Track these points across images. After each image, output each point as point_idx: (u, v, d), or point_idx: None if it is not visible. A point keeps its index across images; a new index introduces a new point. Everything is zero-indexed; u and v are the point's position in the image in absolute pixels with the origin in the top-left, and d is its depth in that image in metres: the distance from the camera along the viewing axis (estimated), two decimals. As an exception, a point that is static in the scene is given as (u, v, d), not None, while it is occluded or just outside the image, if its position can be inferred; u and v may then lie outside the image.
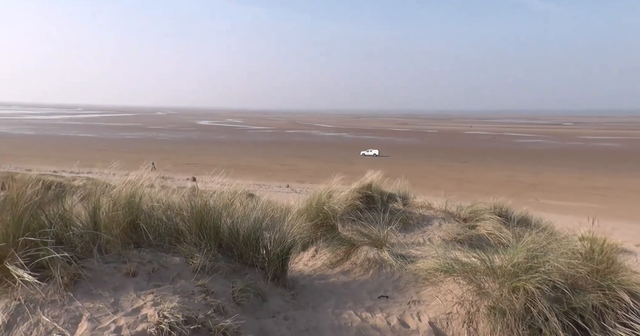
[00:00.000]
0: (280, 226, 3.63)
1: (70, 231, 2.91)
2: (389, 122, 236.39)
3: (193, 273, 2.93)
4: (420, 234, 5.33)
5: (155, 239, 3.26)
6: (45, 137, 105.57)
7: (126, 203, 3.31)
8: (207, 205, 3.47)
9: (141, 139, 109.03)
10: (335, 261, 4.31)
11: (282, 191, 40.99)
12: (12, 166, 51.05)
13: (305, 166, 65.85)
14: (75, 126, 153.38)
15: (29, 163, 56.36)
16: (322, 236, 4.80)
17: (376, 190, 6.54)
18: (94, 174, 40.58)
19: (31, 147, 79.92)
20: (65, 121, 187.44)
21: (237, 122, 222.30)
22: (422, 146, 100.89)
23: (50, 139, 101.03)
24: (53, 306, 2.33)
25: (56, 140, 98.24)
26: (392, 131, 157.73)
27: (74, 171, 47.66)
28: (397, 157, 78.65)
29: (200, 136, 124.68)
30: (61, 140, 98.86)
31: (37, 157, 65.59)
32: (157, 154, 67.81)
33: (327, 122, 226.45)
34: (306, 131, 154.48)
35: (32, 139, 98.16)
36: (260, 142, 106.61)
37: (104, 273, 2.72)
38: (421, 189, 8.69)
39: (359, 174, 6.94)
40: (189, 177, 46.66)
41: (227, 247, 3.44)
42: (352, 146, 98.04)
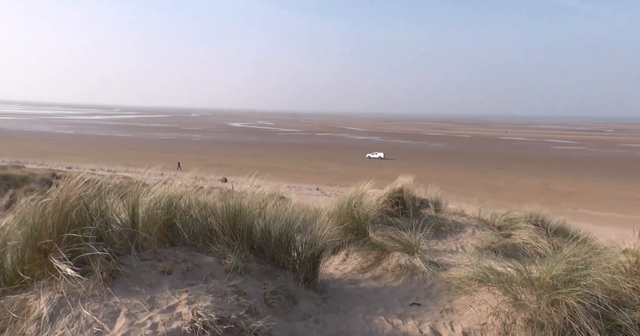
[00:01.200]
0: (311, 229, 3.64)
1: (110, 228, 3.01)
2: (422, 127, 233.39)
3: (226, 273, 2.97)
4: (453, 241, 5.22)
5: (190, 238, 3.33)
6: (85, 136, 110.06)
7: (163, 202, 3.39)
8: (240, 206, 3.52)
9: (175, 139, 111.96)
10: (366, 266, 4.28)
11: (312, 193, 41.13)
12: (54, 164, 53.48)
13: (335, 169, 65.88)
14: (113, 126, 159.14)
15: (69, 161, 58.89)
16: (353, 240, 4.78)
17: (407, 195, 6.45)
18: (130, 173, 41.97)
19: (72, 146, 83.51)
20: (104, 122, 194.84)
21: (268, 124, 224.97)
22: (453, 151, 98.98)
23: (90, 138, 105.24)
24: (93, 301, 2.41)
25: (95, 139, 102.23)
26: (425, 136, 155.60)
27: (112, 169, 49.44)
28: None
29: (232, 137, 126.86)
30: (100, 139, 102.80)
31: (77, 155, 68.43)
32: (190, 155, 69.44)
33: (358, 126, 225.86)
34: (336, 134, 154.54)
35: (73, 139, 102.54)
36: (291, 144, 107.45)
37: (140, 270, 2.79)
38: (453, 196, 8.53)
39: (389, 179, 6.88)
40: (220, 178, 47.54)
41: (259, 248, 3.47)
42: (383, 150, 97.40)
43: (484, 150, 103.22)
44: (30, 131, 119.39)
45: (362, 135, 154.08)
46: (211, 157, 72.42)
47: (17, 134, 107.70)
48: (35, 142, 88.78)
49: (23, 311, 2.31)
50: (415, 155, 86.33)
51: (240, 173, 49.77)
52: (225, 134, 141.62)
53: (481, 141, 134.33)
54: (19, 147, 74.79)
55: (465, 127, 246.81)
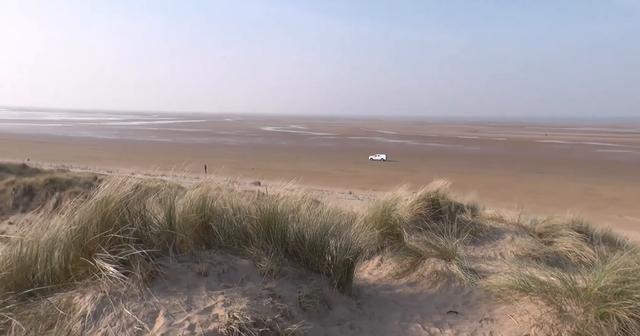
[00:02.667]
0: (346, 234, 3.61)
1: (149, 230, 3.09)
2: (456, 130, 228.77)
3: (261, 276, 2.99)
4: (491, 248, 5.05)
5: (225, 241, 3.37)
6: (125, 141, 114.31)
7: (199, 205, 3.46)
8: (275, 210, 3.53)
9: (210, 144, 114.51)
10: (401, 272, 4.20)
11: (344, 197, 41.03)
12: (97, 168, 55.78)
13: (367, 172, 65.50)
14: (152, 132, 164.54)
15: (110, 165, 61.28)
16: (387, 245, 4.71)
17: (443, 199, 6.32)
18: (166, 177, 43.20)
19: (112, 151, 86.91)
20: (142, 127, 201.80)
21: (300, 128, 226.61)
22: (489, 155, 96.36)
23: (129, 143, 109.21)
24: (133, 300, 2.48)
25: (134, 144, 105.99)
26: (459, 139, 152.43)
27: (149, 173, 51.01)
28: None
29: (265, 141, 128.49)
30: (138, 144, 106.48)
31: (118, 159, 71.10)
32: (224, 159, 70.75)
33: (391, 129, 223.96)
34: (369, 138, 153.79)
35: (114, 144, 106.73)
36: (323, 148, 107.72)
37: (178, 271, 2.84)
38: (490, 201, 8.29)
39: (423, 183, 6.76)
40: (253, 181, 48.21)
41: (293, 252, 3.47)
42: (416, 153, 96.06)
43: (522, 153, 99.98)
44: (74, 137, 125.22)
45: (394, 138, 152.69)
46: (244, 161, 73.58)
47: (63, 140, 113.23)
48: (79, 147, 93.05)
49: (69, 308, 2.39)
50: (449, 159, 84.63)
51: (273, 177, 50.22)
52: (258, 138, 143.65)
53: (519, 144, 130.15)
54: (64, 152, 78.59)
55: (502, 130, 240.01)
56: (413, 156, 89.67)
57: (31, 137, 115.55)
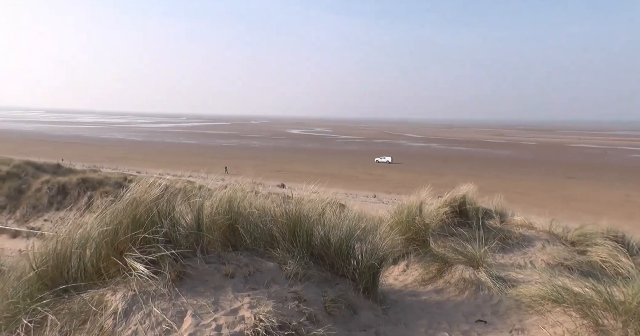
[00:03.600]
0: (372, 238, 3.58)
1: (177, 231, 3.14)
2: (483, 133, 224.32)
3: (286, 279, 3.00)
4: (521, 255, 4.91)
5: (252, 243, 3.40)
6: (153, 143, 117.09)
7: (226, 207, 3.50)
8: (300, 213, 3.54)
9: (236, 146, 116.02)
10: (427, 278, 4.13)
11: (369, 200, 40.82)
12: (126, 168, 57.32)
13: (392, 176, 64.99)
14: (179, 134, 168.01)
15: (139, 166, 62.83)
16: (412, 250, 4.64)
17: (470, 204, 6.20)
18: (193, 178, 43.99)
19: (141, 152, 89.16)
20: (170, 129, 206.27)
21: (325, 131, 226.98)
22: (518, 159, 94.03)
23: (158, 145, 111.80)
24: (162, 300, 2.52)
25: (162, 146, 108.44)
26: (486, 143, 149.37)
27: (176, 174, 52.06)
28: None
29: (290, 144, 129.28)
30: (166, 146, 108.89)
31: (146, 160, 72.85)
32: (249, 161, 71.57)
33: (417, 132, 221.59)
34: (394, 141, 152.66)
35: (143, 145, 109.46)
36: (348, 151, 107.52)
37: (205, 272, 2.88)
38: (519, 207, 8.08)
39: (448, 187, 6.66)
40: (278, 183, 48.53)
41: (319, 256, 3.47)
42: (442, 157, 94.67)
43: (552, 158, 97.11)
44: (105, 138, 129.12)
45: (420, 142, 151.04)
46: (269, 163, 74.17)
47: (95, 141, 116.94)
48: (110, 148, 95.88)
49: (101, 305, 2.46)
50: (476, 163, 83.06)
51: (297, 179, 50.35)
52: (283, 140, 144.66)
53: (549, 148, 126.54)
54: (96, 153, 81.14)
55: (530, 133, 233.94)
56: (438, 160, 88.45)
57: (65, 139, 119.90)
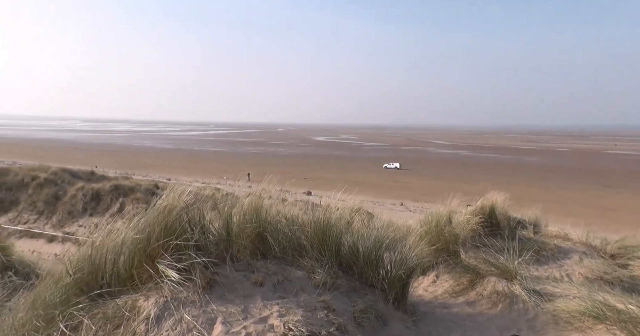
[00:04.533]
0: (401, 248, 3.53)
1: (207, 238, 3.18)
2: (513, 139, 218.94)
3: (315, 288, 2.98)
4: (557, 268, 4.73)
5: (280, 251, 3.40)
6: (183, 150, 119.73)
7: (254, 215, 3.52)
8: (329, 221, 3.52)
9: (263, 153, 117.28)
10: (458, 290, 4.03)
11: (396, 208, 40.39)
12: (157, 175, 58.77)
13: (420, 183, 64.20)
14: (207, 141, 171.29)
15: (169, 173, 64.33)
16: (442, 261, 4.54)
17: (502, 214, 6.03)
18: (221, 185, 44.67)
19: (171, 159, 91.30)
20: (199, 137, 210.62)
21: (351, 138, 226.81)
22: (550, 166, 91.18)
23: (187, 152, 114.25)
24: (193, 306, 2.55)
25: (191, 153, 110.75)
26: (517, 149, 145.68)
27: (205, 181, 53.00)
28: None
29: (316, 151, 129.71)
30: (195, 153, 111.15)
31: (176, 168, 74.52)
32: (276, 168, 72.06)
33: (444, 139, 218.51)
34: (421, 148, 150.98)
35: (172, 152, 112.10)
36: (374, 158, 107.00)
37: (235, 280, 2.90)
38: (553, 216, 7.80)
39: (478, 195, 6.51)
40: (304, 191, 48.68)
41: (347, 265, 3.44)
42: (472, 164, 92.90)
43: (588, 165, 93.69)
44: (137, 146, 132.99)
45: (448, 149, 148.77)
46: (296, 171, 74.53)
47: (127, 148, 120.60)
48: (141, 156, 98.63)
49: (134, 310, 2.50)
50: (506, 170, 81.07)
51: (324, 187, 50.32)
52: (309, 148, 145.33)
53: (584, 155, 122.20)
54: (127, 160, 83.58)
55: (563, 139, 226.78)
56: (467, 167, 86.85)
57: (99, 147, 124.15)
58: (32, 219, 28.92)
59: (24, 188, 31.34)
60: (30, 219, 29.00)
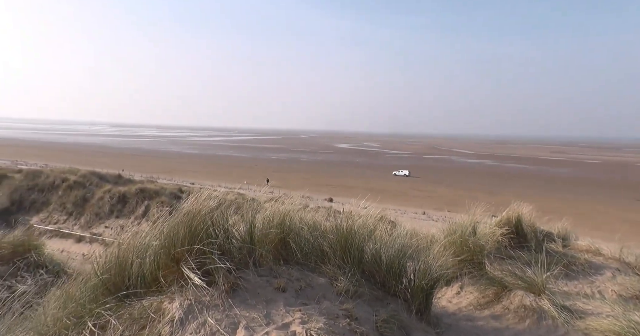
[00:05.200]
0: (424, 258, 3.48)
1: (231, 243, 3.20)
2: (540, 150, 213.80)
3: (337, 295, 2.96)
4: (587, 284, 4.55)
5: (302, 258, 3.40)
6: (206, 156, 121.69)
7: (277, 220, 3.53)
8: (351, 229, 3.50)
9: (285, 159, 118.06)
10: (483, 303, 3.93)
11: (418, 217, 39.94)
12: (181, 180, 59.83)
13: (442, 193, 63.37)
14: (231, 147, 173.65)
15: (193, 177, 65.40)
16: (467, 272, 4.45)
17: (528, 226, 5.88)
18: (243, 190, 45.12)
19: (195, 164, 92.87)
20: (223, 142, 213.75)
21: (374, 146, 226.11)
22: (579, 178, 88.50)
23: (210, 157, 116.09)
24: (216, 310, 2.57)
25: (215, 158, 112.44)
26: (544, 160, 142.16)
27: (228, 186, 53.65)
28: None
29: (338, 158, 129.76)
30: (219, 159, 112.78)
31: (200, 172, 75.71)
32: (298, 174, 72.44)
33: (468, 148, 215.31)
34: (445, 157, 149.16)
35: (196, 158, 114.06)
36: (397, 166, 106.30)
37: (257, 285, 2.91)
38: (582, 230, 7.55)
39: (502, 206, 6.37)
40: (326, 197, 48.67)
41: (370, 273, 3.41)
42: (496, 174, 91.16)
43: (619, 178, 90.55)
44: (162, 151, 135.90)
45: (471, 158, 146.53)
46: (317, 177, 74.68)
47: (152, 153, 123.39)
48: (166, 160, 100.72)
49: (159, 312, 2.54)
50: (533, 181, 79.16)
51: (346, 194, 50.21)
52: (331, 155, 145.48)
53: (615, 168, 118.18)
54: (153, 165, 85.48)
55: (594, 151, 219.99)
56: (491, 177, 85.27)
57: (126, 151, 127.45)
58: (61, 220, 29.85)
59: (54, 189, 32.42)
60: (60, 219, 29.93)
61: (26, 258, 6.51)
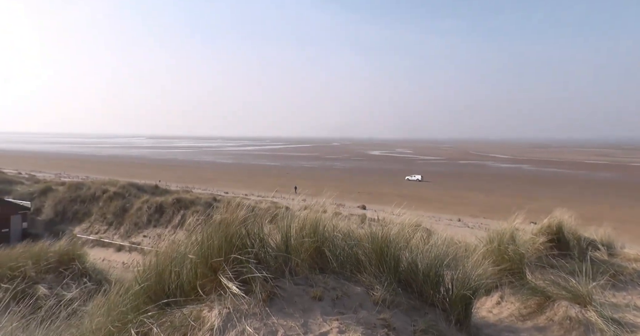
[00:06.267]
0: (463, 266, 3.40)
1: (267, 252, 3.24)
2: (582, 154, 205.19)
3: (374, 305, 2.94)
4: (637, 295, 4.31)
5: (338, 266, 3.39)
6: (240, 165, 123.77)
7: (312, 229, 3.54)
8: (387, 237, 3.48)
9: (317, 167, 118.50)
10: (525, 314, 3.79)
11: (453, 224, 39.07)
12: (215, 189, 61.06)
13: (478, 199, 61.82)
14: (263, 156, 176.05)
15: (227, 187, 66.59)
16: (507, 282, 4.31)
17: (570, 233, 5.65)
18: (276, 198, 45.54)
19: (229, 174, 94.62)
20: (255, 152, 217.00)
21: (406, 152, 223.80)
22: (625, 183, 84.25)
23: (244, 167, 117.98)
24: (254, 319, 2.60)
25: (248, 168, 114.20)
26: (586, 164, 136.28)
27: (261, 194, 54.31)
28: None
29: (370, 165, 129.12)
30: (252, 168, 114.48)
31: (233, 181, 77.03)
32: (330, 182, 72.39)
33: (505, 153, 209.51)
34: (480, 162, 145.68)
35: (230, 167, 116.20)
36: (430, 172, 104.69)
37: (294, 294, 2.92)
38: (629, 238, 7.19)
39: (541, 212, 6.15)
40: (359, 204, 48.42)
41: (406, 282, 3.36)
42: (534, 180, 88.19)
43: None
44: (197, 161, 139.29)
45: (508, 163, 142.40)
46: (350, 185, 74.44)
47: (187, 163, 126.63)
48: (201, 170, 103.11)
49: (199, 320, 2.60)
50: (574, 186, 76.02)
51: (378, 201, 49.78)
52: (364, 162, 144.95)
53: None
54: (188, 175, 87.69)
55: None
56: (530, 183, 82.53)
57: (162, 162, 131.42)
58: (102, 230, 31.07)
59: (95, 200, 33.84)
60: (101, 229, 31.14)
61: (71, 266, 6.82)
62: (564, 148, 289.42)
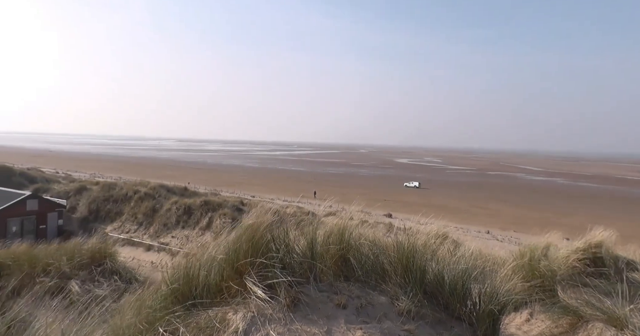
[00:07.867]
0: (491, 281, 3.31)
1: (292, 257, 3.26)
2: (619, 168, 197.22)
3: (398, 315, 2.90)
4: (677, 321, 4.08)
5: (363, 275, 3.37)
6: (267, 170, 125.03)
7: (338, 236, 3.54)
8: (414, 247, 3.43)
9: (343, 174, 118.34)
10: (557, 333, 3.64)
11: (482, 236, 38.14)
12: (242, 193, 61.85)
13: (508, 211, 60.23)
14: (290, 161, 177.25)
15: (254, 191, 67.35)
16: (538, 299, 4.17)
17: (608, 253, 5.42)
18: (302, 204, 45.71)
19: (256, 178, 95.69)
20: (283, 157, 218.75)
21: (435, 161, 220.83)
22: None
23: (271, 171, 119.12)
24: (278, 324, 2.61)
25: (275, 172, 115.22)
26: (623, 180, 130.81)
27: (287, 199, 54.65)
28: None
29: (397, 173, 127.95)
30: (279, 172, 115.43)
31: (260, 186, 77.83)
32: (356, 189, 72.13)
33: (536, 165, 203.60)
34: (510, 174, 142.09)
35: (257, 171, 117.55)
36: (459, 182, 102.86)
37: (318, 300, 2.92)
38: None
39: (575, 228, 5.93)
40: (384, 213, 48.00)
41: (432, 294, 3.30)
42: (568, 193, 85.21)
43: None
44: (225, 165, 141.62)
45: (539, 175, 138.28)
46: (376, 192, 73.97)
47: (216, 167, 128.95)
48: (229, 174, 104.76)
49: (224, 323, 2.63)
50: (609, 202, 73.03)
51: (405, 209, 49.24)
52: (391, 170, 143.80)
53: None
54: (216, 178, 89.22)
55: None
56: (563, 197, 79.77)
57: (192, 165, 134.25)
58: (132, 229, 31.93)
59: (127, 200, 34.85)
60: (131, 229, 32.01)
61: (102, 264, 7.04)
62: (600, 162, 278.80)
